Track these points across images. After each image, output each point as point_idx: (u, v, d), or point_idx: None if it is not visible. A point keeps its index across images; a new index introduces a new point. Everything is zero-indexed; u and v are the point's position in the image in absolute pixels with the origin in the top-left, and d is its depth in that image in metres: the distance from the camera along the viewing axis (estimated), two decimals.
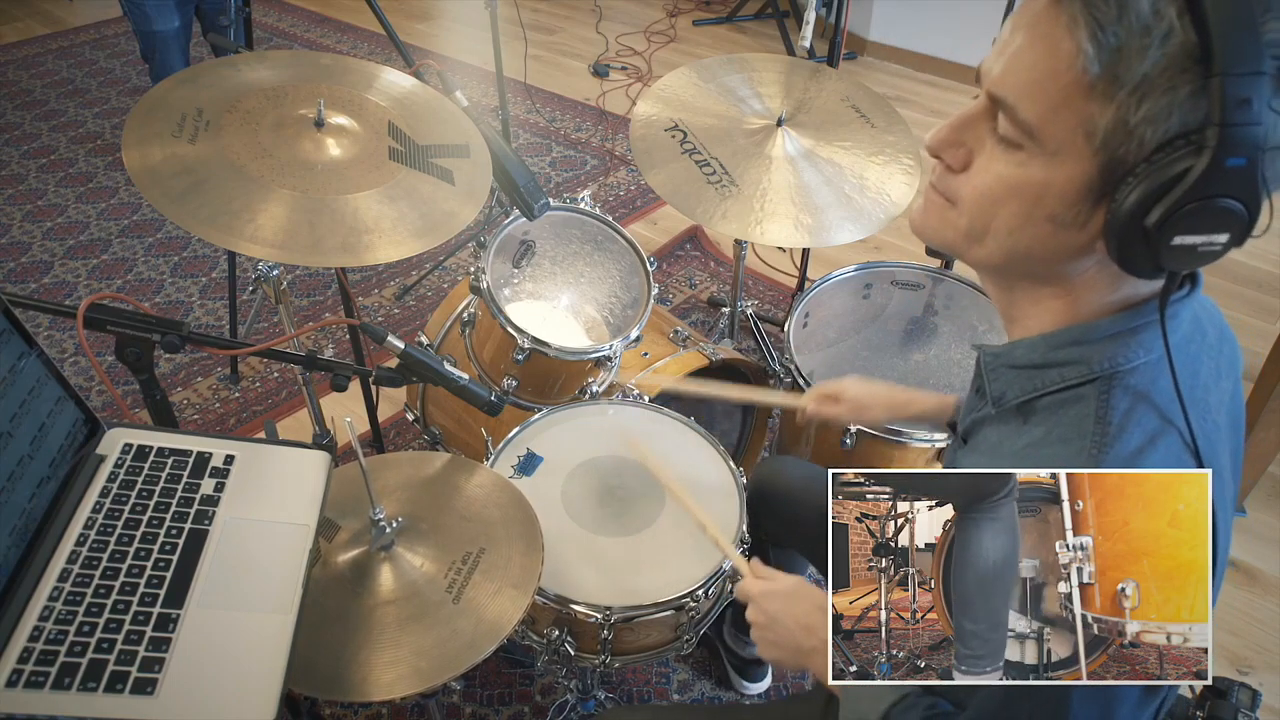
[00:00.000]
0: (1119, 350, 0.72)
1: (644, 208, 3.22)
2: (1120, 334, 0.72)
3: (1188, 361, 0.75)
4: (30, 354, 0.90)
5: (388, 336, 1.14)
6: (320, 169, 1.29)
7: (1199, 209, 0.61)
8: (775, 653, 0.97)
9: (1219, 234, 0.62)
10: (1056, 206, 0.67)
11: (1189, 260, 0.64)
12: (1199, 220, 0.61)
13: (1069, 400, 0.74)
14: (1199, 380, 0.76)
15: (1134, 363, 0.72)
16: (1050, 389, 0.75)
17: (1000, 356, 0.81)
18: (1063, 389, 0.75)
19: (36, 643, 0.78)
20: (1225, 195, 0.60)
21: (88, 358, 2.08)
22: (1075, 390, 0.74)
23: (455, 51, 4.39)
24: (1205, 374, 0.77)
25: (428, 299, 2.74)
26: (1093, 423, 0.71)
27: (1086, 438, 0.71)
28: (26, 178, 3.27)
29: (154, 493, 0.94)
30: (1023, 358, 0.78)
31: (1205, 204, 0.60)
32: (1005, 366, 0.80)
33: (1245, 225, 0.62)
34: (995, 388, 0.81)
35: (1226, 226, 0.62)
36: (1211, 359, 0.78)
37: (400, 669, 0.97)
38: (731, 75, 1.92)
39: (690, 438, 1.51)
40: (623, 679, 1.75)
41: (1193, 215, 0.61)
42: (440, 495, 1.18)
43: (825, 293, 1.85)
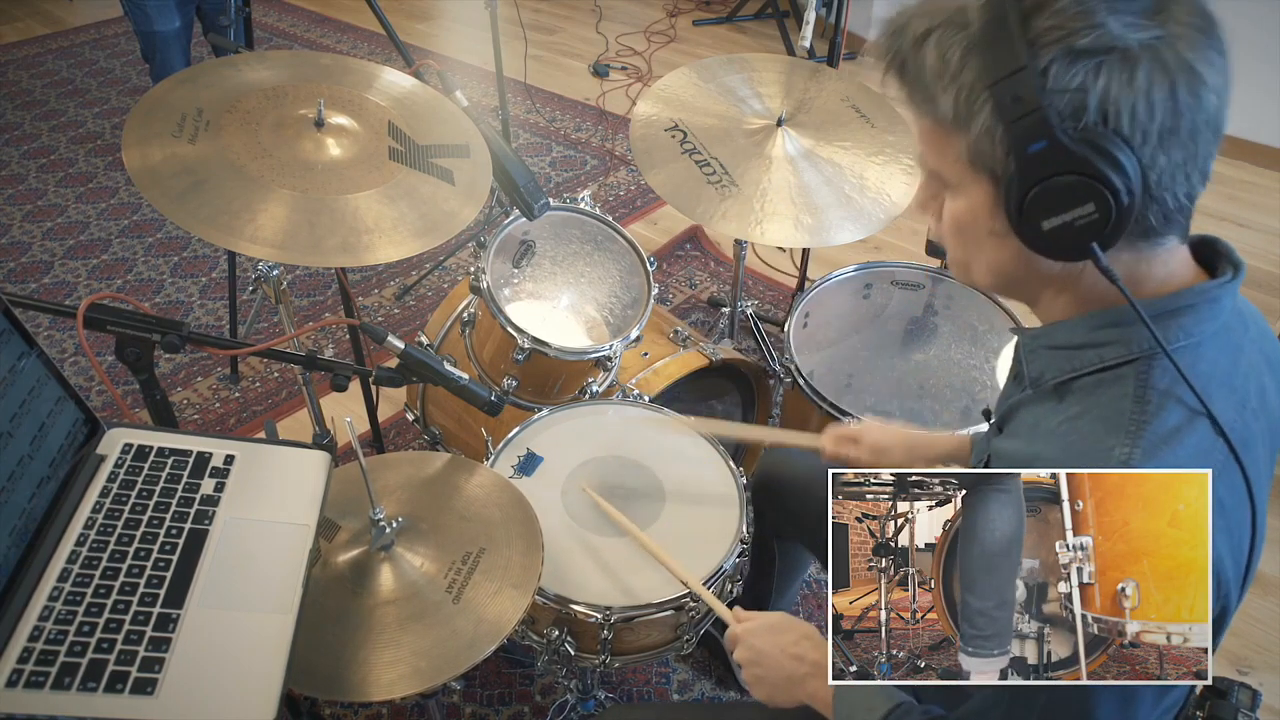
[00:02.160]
0: (1160, 332, 0.72)
1: (644, 208, 3.22)
2: (1160, 316, 0.72)
3: (1228, 348, 0.76)
4: (30, 354, 0.90)
5: (388, 336, 1.14)
6: (320, 169, 1.29)
7: (1040, 194, 0.68)
8: (767, 689, 0.99)
9: (1080, 207, 0.67)
10: (988, 223, 0.74)
11: (1074, 236, 0.68)
12: (1049, 202, 0.68)
13: (1108, 380, 0.75)
14: (1238, 368, 0.76)
15: (1174, 345, 0.72)
16: (1089, 369, 0.76)
17: (1039, 338, 0.82)
18: (1102, 369, 0.75)
19: (36, 643, 0.78)
20: (1048, 176, 0.67)
21: (88, 358, 2.08)
22: (1115, 370, 0.74)
23: (455, 51, 4.39)
24: (1246, 364, 0.77)
25: (428, 299, 2.74)
26: (1131, 401, 0.72)
27: (1125, 415, 0.71)
28: (26, 178, 3.27)
29: (154, 493, 0.94)
30: (1063, 338, 0.78)
31: (1042, 188, 0.67)
32: (1044, 347, 0.81)
33: (1102, 187, 0.65)
34: (1033, 368, 0.82)
35: (1078, 199, 0.66)
36: (1256, 350, 0.79)
37: (400, 669, 0.96)
38: (731, 75, 1.92)
39: (690, 438, 1.50)
40: (623, 679, 1.75)
41: (1040, 200, 0.68)
42: (440, 495, 1.18)
43: (825, 293, 1.85)
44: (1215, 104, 0.65)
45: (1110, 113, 0.64)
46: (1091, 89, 0.64)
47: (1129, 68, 0.63)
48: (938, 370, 1.89)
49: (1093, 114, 0.64)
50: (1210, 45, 0.65)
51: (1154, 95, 0.64)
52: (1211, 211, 3.19)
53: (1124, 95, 0.64)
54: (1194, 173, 0.68)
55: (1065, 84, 0.64)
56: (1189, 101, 0.64)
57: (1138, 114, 0.64)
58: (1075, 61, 0.64)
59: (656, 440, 1.49)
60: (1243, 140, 3.43)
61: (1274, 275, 2.84)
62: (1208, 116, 0.65)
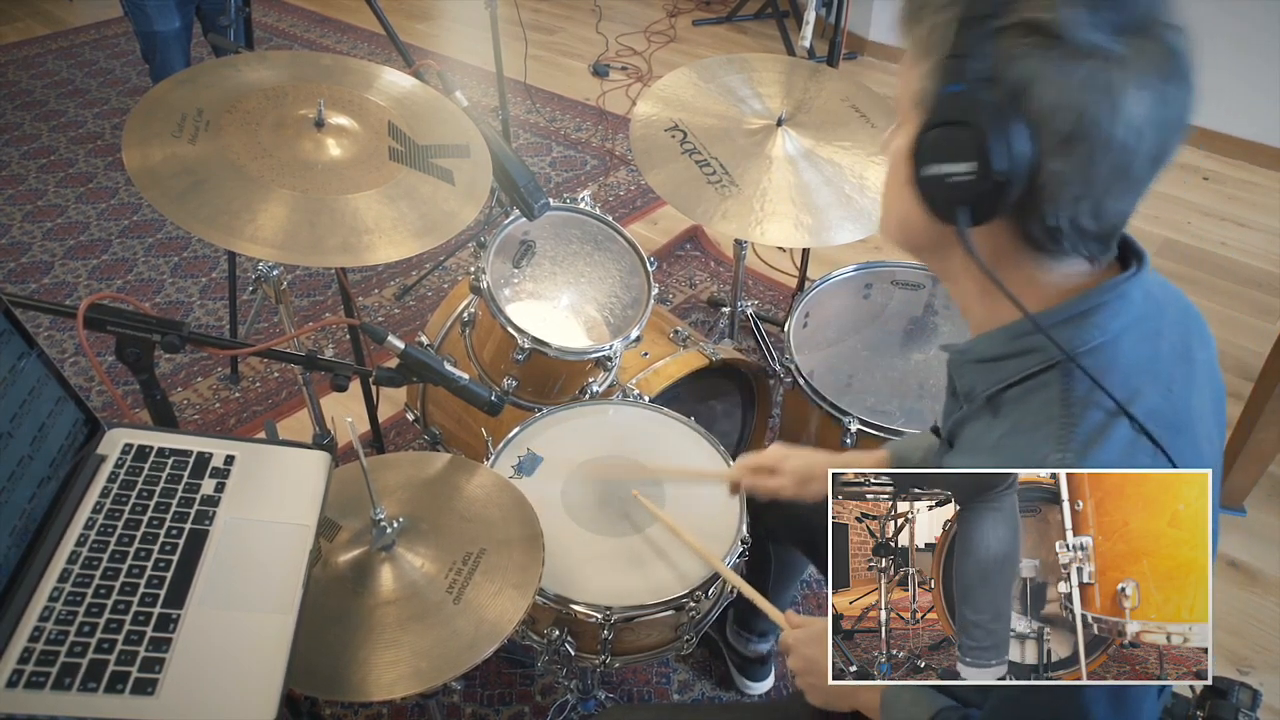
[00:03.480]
0: (1075, 333, 0.74)
1: (644, 208, 3.21)
2: (1073, 318, 0.74)
3: (1147, 336, 0.77)
4: (30, 354, 0.90)
5: (388, 336, 1.14)
6: (320, 169, 1.29)
7: (935, 137, 0.70)
8: (822, 696, 1.00)
9: (960, 162, 0.68)
10: (905, 168, 0.74)
11: (946, 191, 0.70)
12: (938, 148, 0.70)
13: (1034, 388, 0.76)
14: (1160, 354, 0.78)
15: (1090, 344, 0.74)
16: (1014, 379, 0.78)
17: (965, 353, 0.84)
18: (1026, 378, 0.77)
19: (37, 643, 0.78)
20: (947, 121, 0.68)
21: (88, 358, 2.08)
22: (1039, 377, 0.76)
23: (455, 51, 4.39)
24: (1168, 348, 0.78)
25: (428, 299, 2.74)
26: (1058, 405, 0.73)
27: (1054, 421, 0.73)
28: (26, 178, 3.27)
29: (154, 493, 0.94)
30: (984, 351, 0.81)
31: (938, 132, 0.69)
32: (969, 362, 0.83)
33: (985, 149, 0.66)
34: (964, 384, 0.85)
35: (962, 153, 0.68)
36: (1176, 334, 0.80)
37: (400, 669, 0.97)
38: (731, 75, 1.92)
39: (690, 438, 1.51)
40: (623, 679, 1.75)
41: (932, 144, 0.70)
42: (441, 495, 1.18)
43: (825, 293, 1.85)
44: (1129, 141, 0.66)
45: (1029, 93, 0.65)
46: (1025, 63, 0.65)
47: (1067, 63, 0.65)
48: (938, 370, 1.89)
49: (1012, 84, 0.66)
50: (1157, 87, 0.65)
51: (1071, 98, 0.65)
52: (1212, 211, 3.19)
53: (1048, 84, 0.65)
54: (1085, 200, 0.68)
55: (1007, 49, 0.66)
56: (1097, 123, 0.65)
57: (1049, 107, 0.65)
58: (1029, 34, 0.65)
59: (656, 440, 1.49)
60: (1243, 140, 3.43)
61: (1274, 275, 2.84)
62: (1115, 146, 0.66)
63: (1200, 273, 2.86)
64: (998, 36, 0.66)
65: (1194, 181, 3.37)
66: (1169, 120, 0.67)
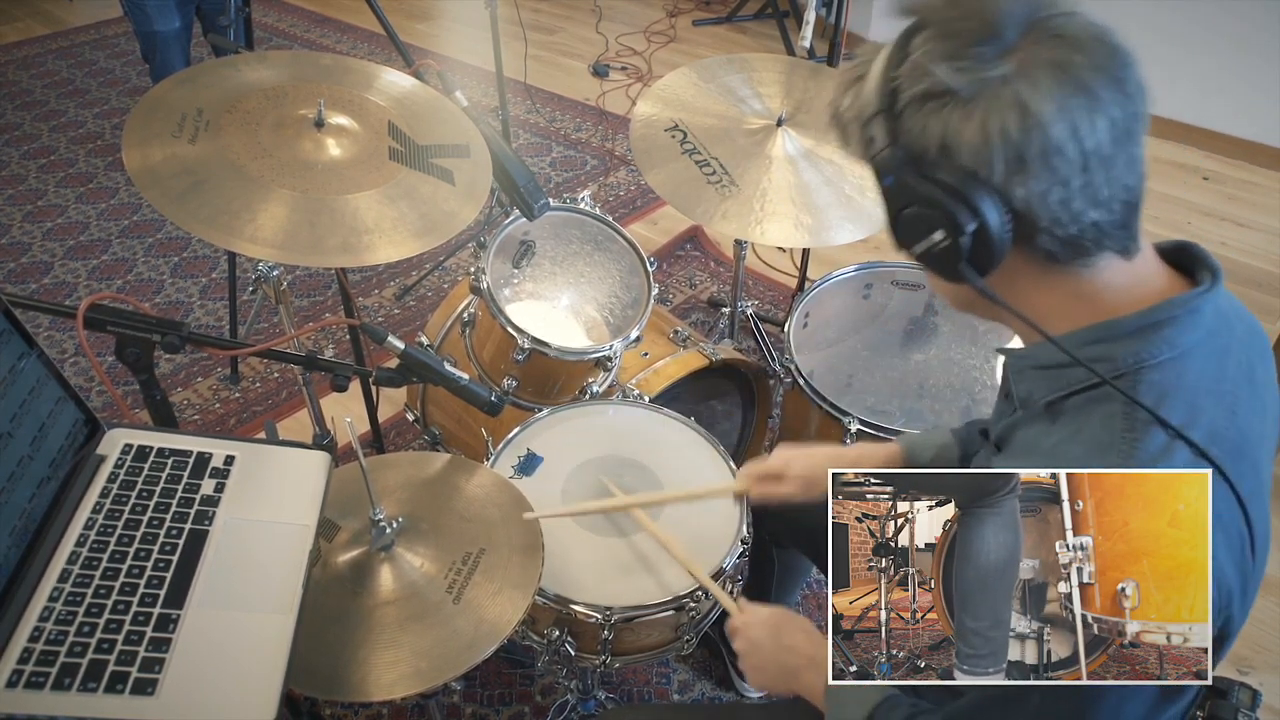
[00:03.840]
0: (1143, 346, 0.73)
1: (644, 208, 3.21)
2: (1144, 329, 0.73)
3: (1214, 354, 0.76)
4: (30, 354, 0.90)
5: (388, 337, 1.14)
6: (320, 169, 1.29)
7: (898, 224, 0.75)
8: (762, 677, 1.04)
9: (931, 235, 0.72)
10: None
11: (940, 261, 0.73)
12: (908, 231, 0.74)
13: (1096, 398, 0.75)
14: (1226, 373, 0.76)
15: (1159, 358, 0.73)
16: (1077, 387, 0.76)
17: (1025, 358, 0.82)
18: (1089, 387, 0.75)
19: (37, 643, 0.78)
20: (899, 208, 0.74)
21: (88, 358, 2.08)
22: (1103, 388, 0.74)
23: (455, 51, 4.39)
24: (1234, 367, 0.77)
25: (428, 299, 2.74)
26: (1120, 419, 0.72)
27: (1116, 434, 0.72)
28: (26, 178, 3.27)
29: (154, 493, 0.94)
30: (1048, 357, 0.78)
31: (898, 219, 0.75)
32: (1030, 367, 0.81)
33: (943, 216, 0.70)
34: (1021, 389, 0.83)
35: (927, 227, 0.72)
36: (1243, 353, 0.79)
37: (400, 669, 0.96)
38: (731, 75, 1.92)
39: (690, 438, 1.50)
40: (623, 679, 1.75)
41: (902, 229, 0.75)
42: (440, 495, 1.18)
43: (825, 293, 1.85)
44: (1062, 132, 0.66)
45: (951, 149, 0.68)
46: (932, 129, 0.69)
47: (964, 108, 0.67)
48: (938, 370, 1.89)
49: (933, 151, 0.69)
50: (1056, 78, 0.66)
51: (989, 130, 0.67)
52: (1212, 211, 3.19)
53: (961, 133, 0.68)
54: (1074, 200, 0.68)
55: (911, 126, 0.70)
56: (1022, 136, 0.66)
57: (977, 149, 0.68)
58: (922, 105, 0.69)
59: (656, 440, 1.49)
60: (1243, 140, 3.43)
61: (1274, 275, 2.84)
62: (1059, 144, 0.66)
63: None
64: (900, 119, 0.70)
65: (1194, 181, 3.37)
66: (1099, 96, 0.66)
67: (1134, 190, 0.71)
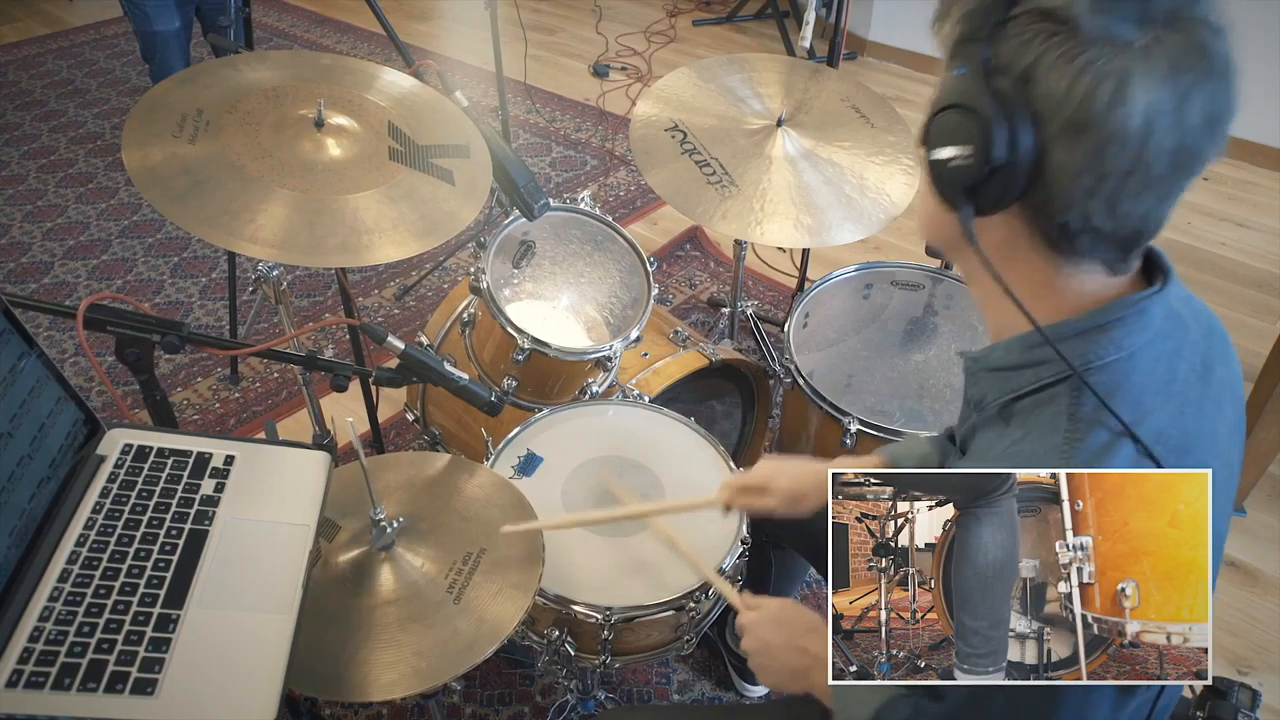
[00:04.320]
0: (1089, 348, 0.73)
1: (644, 208, 3.21)
2: (1090, 331, 0.73)
3: (1164, 355, 0.76)
4: (30, 354, 0.90)
5: (388, 337, 1.14)
6: (320, 169, 1.29)
7: (941, 119, 0.70)
8: (774, 678, 1.01)
9: (961, 145, 0.68)
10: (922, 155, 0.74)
11: (948, 176, 0.70)
12: (943, 131, 0.70)
13: (1044, 400, 0.76)
14: (1177, 374, 0.76)
15: (1104, 359, 0.73)
16: (1026, 389, 0.77)
17: (979, 361, 0.83)
18: (1038, 389, 0.76)
19: (36, 643, 0.78)
20: (952, 104, 0.69)
21: (88, 358, 2.08)
22: (1050, 390, 0.75)
23: (455, 51, 4.39)
24: (1186, 368, 0.77)
25: (428, 299, 2.74)
26: (1065, 419, 0.73)
27: (1059, 433, 0.72)
28: (26, 178, 3.27)
29: (154, 493, 0.94)
30: (999, 360, 0.80)
31: (943, 114, 0.70)
32: (984, 370, 0.82)
33: (983, 133, 0.66)
34: (975, 392, 0.84)
35: (962, 135, 0.68)
36: (1196, 354, 0.79)
37: (400, 669, 0.97)
38: (731, 75, 1.92)
39: (690, 438, 1.51)
40: (623, 679, 1.75)
41: (938, 127, 0.70)
42: (441, 496, 1.18)
43: (825, 293, 1.85)
44: (1140, 134, 0.63)
45: (1033, 78, 0.65)
46: (1030, 49, 0.65)
47: (1074, 49, 0.63)
48: (938, 370, 1.89)
49: (1017, 70, 0.66)
50: (1174, 80, 0.63)
51: (1076, 84, 0.64)
52: (1212, 211, 3.19)
53: (1052, 70, 0.64)
54: (1097, 196, 0.66)
55: (1015, 34, 0.66)
56: (1103, 111, 0.63)
57: (1053, 93, 0.64)
58: (1039, 20, 0.65)
59: (656, 440, 1.49)
60: (1243, 140, 3.43)
61: (1274, 275, 2.84)
62: (1123, 138, 0.64)
63: (1200, 273, 2.86)
64: (1009, 23, 0.66)
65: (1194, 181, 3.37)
66: (1190, 118, 0.64)
67: (1149, 222, 0.70)
